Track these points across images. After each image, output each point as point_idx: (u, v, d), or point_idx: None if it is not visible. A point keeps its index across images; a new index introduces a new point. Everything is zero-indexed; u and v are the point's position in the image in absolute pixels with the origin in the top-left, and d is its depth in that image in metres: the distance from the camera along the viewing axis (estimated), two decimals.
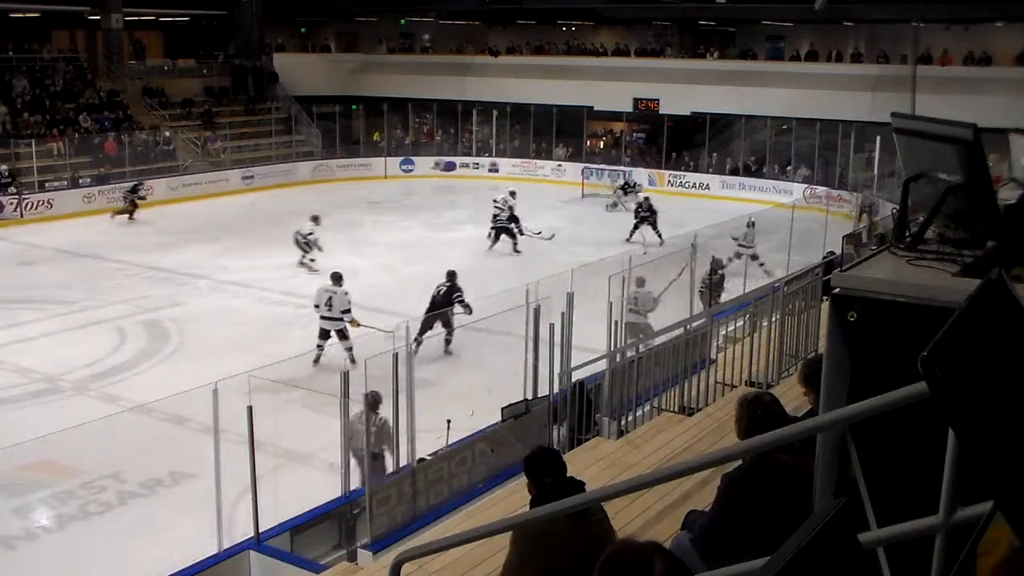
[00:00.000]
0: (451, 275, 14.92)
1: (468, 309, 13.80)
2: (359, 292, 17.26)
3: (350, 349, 13.22)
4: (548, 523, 3.53)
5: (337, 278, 13.94)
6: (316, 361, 13.21)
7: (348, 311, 13.51)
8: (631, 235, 21.93)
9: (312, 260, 19.04)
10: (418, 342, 12.33)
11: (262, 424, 7.66)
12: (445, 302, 14.22)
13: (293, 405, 10.39)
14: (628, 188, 27.61)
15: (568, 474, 4.08)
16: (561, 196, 29.09)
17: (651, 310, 13.30)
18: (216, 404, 7.50)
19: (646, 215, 22.11)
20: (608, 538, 3.87)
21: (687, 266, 11.85)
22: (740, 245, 18.55)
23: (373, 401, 8.84)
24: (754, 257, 18.16)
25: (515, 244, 21.09)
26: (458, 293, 14.39)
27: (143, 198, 25.22)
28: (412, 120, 35.72)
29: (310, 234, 19.42)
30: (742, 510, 3.66)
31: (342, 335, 13.55)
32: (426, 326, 13.56)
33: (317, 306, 13.78)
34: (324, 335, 13.56)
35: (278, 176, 30.59)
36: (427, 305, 14.13)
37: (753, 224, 18.60)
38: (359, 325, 13.37)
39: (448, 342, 13.98)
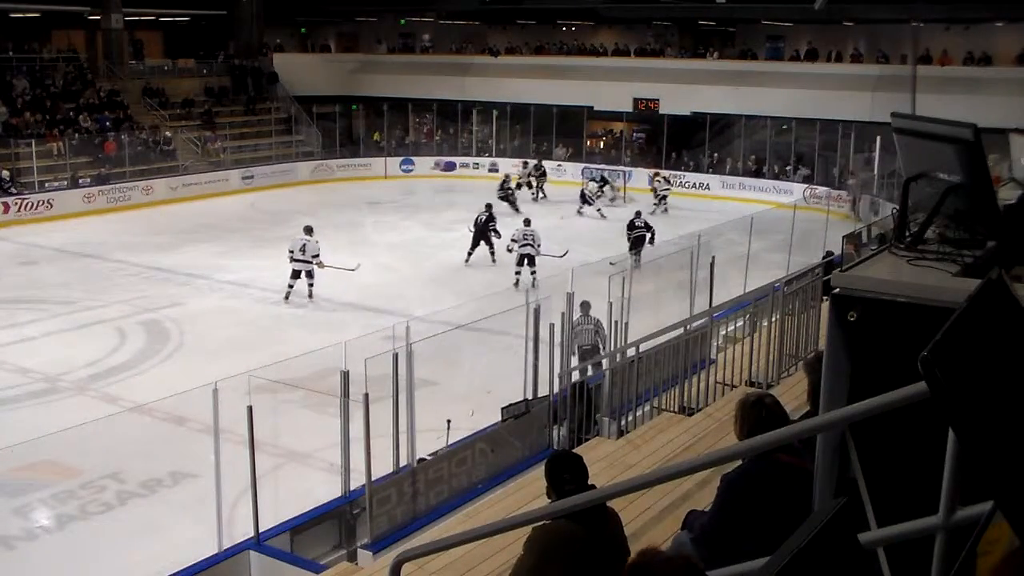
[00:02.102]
0: (489, 207, 20.44)
1: (498, 235, 19.65)
2: (358, 291, 17.35)
3: (311, 285, 16.98)
4: (566, 532, 3.50)
5: (309, 230, 17.41)
6: (287, 298, 16.88)
7: (317, 255, 16.89)
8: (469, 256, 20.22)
9: (599, 210, 25.59)
10: (470, 254, 19.66)
11: (262, 424, 7.66)
12: (484, 228, 19.72)
13: (293, 405, 10.39)
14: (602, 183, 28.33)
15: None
16: (561, 196, 29.03)
17: (540, 243, 18.32)
18: (216, 404, 7.50)
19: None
20: (624, 551, 3.86)
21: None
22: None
23: (587, 305, 11.77)
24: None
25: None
26: (493, 222, 19.93)
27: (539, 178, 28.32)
28: (412, 120, 35.72)
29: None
30: (742, 511, 3.65)
31: (309, 275, 16.99)
32: (474, 245, 19.74)
33: (291, 251, 17.03)
34: (295, 275, 16.94)
35: (278, 176, 30.59)
36: (472, 231, 19.96)
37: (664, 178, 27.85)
38: (324, 266, 16.85)
39: (493, 254, 19.66)
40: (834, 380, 2.59)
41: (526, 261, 18.07)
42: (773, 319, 9.83)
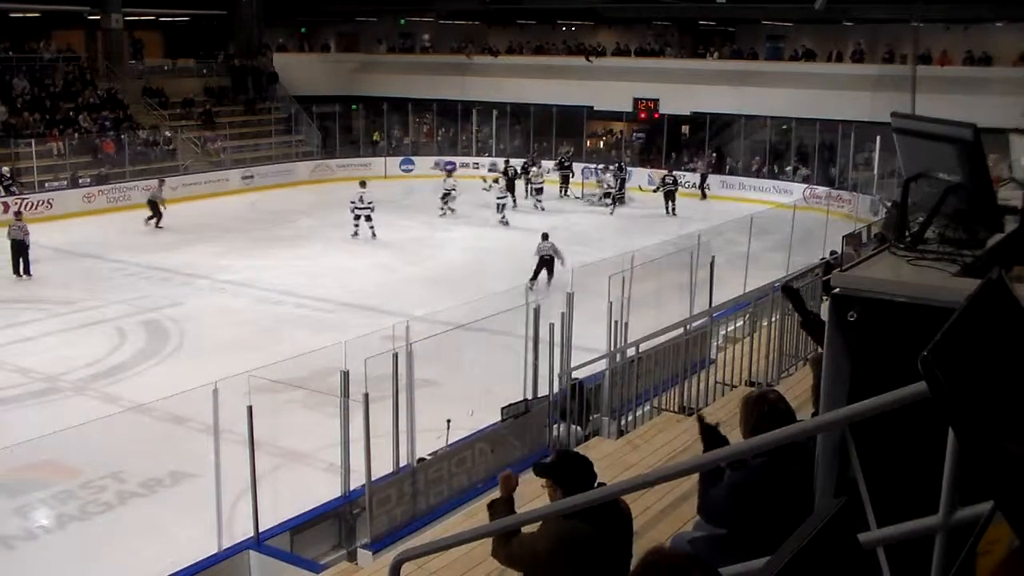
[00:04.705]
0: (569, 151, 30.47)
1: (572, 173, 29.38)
2: (358, 291, 17.37)
3: (372, 227, 22.36)
4: (578, 531, 3.50)
5: (363, 183, 23.12)
6: (354, 235, 22.35)
7: (371, 202, 22.49)
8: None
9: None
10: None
11: (262, 424, 7.65)
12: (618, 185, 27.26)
13: (293, 405, 10.39)
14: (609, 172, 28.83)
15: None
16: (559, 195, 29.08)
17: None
18: (216, 404, 7.50)
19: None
20: (629, 551, 3.84)
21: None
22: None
23: (546, 235, 18.21)
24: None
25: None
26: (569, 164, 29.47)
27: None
28: (412, 120, 35.71)
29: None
30: (752, 519, 3.57)
31: (368, 219, 22.38)
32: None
33: (353, 202, 22.54)
34: (357, 219, 22.35)
35: (278, 176, 30.59)
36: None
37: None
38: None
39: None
40: (834, 380, 2.59)
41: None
42: (773, 319, 9.84)
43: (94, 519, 9.20)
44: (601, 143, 34.88)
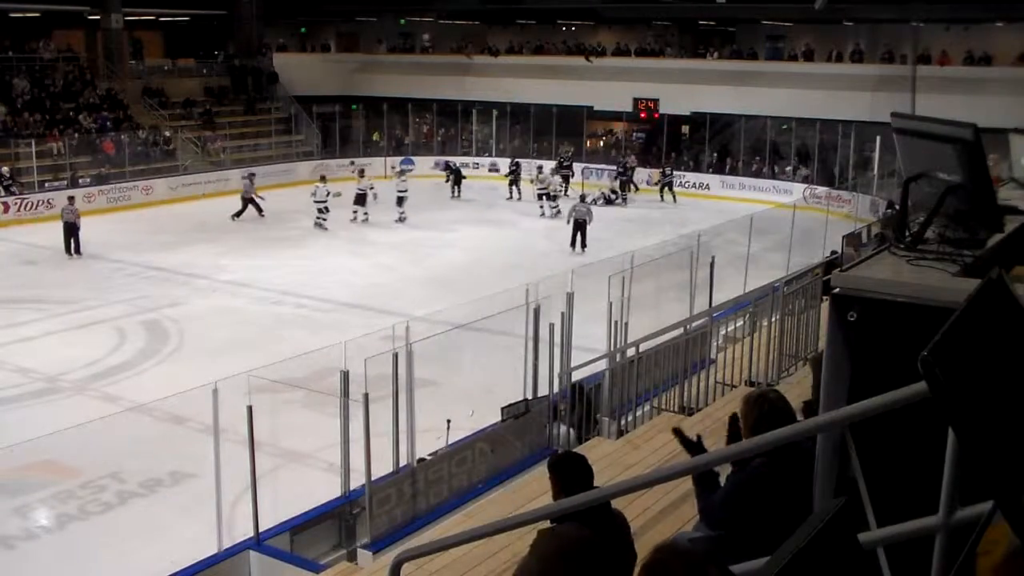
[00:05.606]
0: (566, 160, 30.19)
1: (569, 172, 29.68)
2: (358, 291, 17.36)
3: (325, 219, 23.22)
4: (574, 537, 3.48)
5: (323, 179, 24.31)
6: (316, 226, 23.31)
7: (327, 196, 23.23)
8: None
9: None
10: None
11: (262, 424, 7.66)
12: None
13: (293, 405, 10.39)
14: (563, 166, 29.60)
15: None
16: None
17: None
18: (216, 404, 7.50)
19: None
20: (631, 553, 3.84)
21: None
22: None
23: (585, 197, 22.89)
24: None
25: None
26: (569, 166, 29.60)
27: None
28: (412, 120, 35.70)
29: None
30: (752, 518, 3.57)
31: (320, 211, 23.24)
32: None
33: (313, 194, 23.43)
34: (319, 211, 23.32)
35: (278, 176, 30.55)
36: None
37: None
38: (332, 195, 23.48)
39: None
40: (834, 380, 2.59)
41: (545, 197, 26.04)
42: (773, 319, 9.84)
43: (94, 519, 9.20)
44: (601, 143, 34.86)
